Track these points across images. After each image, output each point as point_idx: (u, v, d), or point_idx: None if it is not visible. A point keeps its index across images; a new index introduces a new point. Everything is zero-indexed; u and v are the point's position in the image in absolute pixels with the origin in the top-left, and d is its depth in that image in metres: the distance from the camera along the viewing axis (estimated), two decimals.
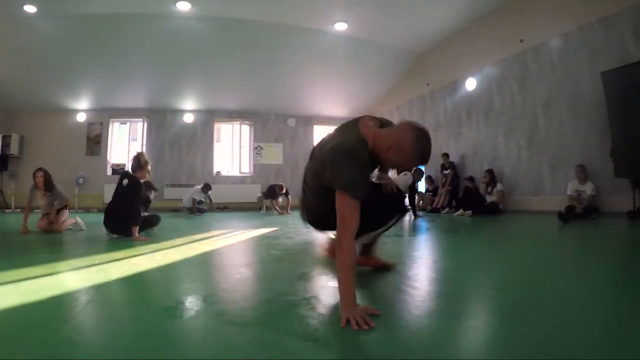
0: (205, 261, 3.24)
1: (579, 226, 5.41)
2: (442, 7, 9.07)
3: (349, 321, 1.47)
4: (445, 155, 10.20)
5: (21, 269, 2.64)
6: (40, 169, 5.66)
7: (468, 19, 9.56)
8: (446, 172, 10.10)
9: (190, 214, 10.20)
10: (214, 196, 11.06)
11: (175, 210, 11.60)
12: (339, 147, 1.76)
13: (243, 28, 9.83)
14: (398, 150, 1.67)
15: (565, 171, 7.52)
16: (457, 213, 8.52)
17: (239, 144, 14.46)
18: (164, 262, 3.03)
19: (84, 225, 5.87)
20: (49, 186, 5.64)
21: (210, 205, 10.90)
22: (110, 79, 11.38)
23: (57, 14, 8.77)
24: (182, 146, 13.49)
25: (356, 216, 1.67)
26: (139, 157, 4.87)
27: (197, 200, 10.63)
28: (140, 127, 13.55)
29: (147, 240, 4.36)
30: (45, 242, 4.49)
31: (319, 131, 15.10)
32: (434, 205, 10.03)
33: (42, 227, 5.40)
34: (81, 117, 12.79)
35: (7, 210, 11.44)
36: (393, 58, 11.84)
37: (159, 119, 13.40)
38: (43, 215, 5.60)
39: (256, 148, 14.27)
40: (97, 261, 3.01)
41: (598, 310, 1.73)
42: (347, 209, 1.67)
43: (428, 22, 9.88)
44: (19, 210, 11.21)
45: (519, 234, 5.14)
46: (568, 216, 6.05)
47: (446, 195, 9.89)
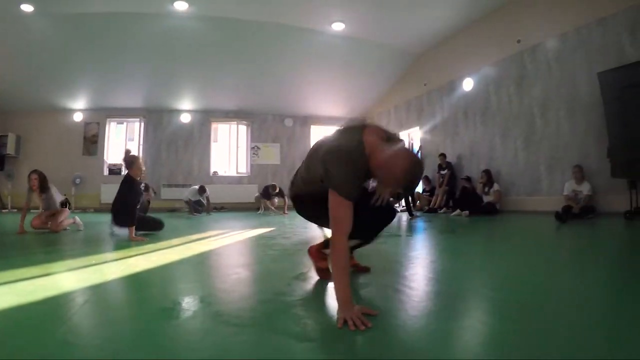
0: (202, 261, 3.24)
1: (575, 226, 5.42)
2: (439, 7, 9.08)
3: (346, 321, 1.48)
4: (443, 156, 10.21)
5: (17, 269, 2.63)
6: (34, 171, 5.61)
7: (465, 19, 9.58)
8: (443, 172, 10.11)
9: (189, 214, 10.22)
10: (210, 196, 11.04)
11: (172, 210, 11.61)
12: (337, 148, 1.82)
13: (240, 28, 9.83)
14: (388, 171, 1.70)
15: (562, 171, 7.54)
16: (454, 213, 8.53)
17: (236, 144, 14.45)
18: (161, 263, 3.03)
19: (82, 226, 5.85)
20: (43, 188, 5.60)
21: (206, 207, 10.88)
22: (107, 78, 11.36)
23: (54, 13, 8.74)
24: (179, 146, 13.47)
25: (348, 216, 1.69)
26: (125, 155, 4.96)
27: (193, 200, 10.63)
28: (137, 127, 13.51)
29: (144, 240, 4.35)
30: (42, 243, 4.47)
31: (316, 131, 15.10)
32: (431, 206, 10.04)
33: (36, 225, 5.38)
34: (78, 117, 12.77)
35: (4, 211, 11.42)
36: (390, 58, 11.84)
37: (156, 118, 13.37)
38: (41, 214, 5.57)
39: (253, 148, 14.25)
40: (93, 261, 3.01)
41: (595, 310, 1.73)
42: (339, 208, 1.70)
43: (425, 23, 9.89)
44: (15, 210, 11.19)
45: (515, 234, 5.15)
46: (565, 216, 6.07)
47: (443, 196, 9.90)
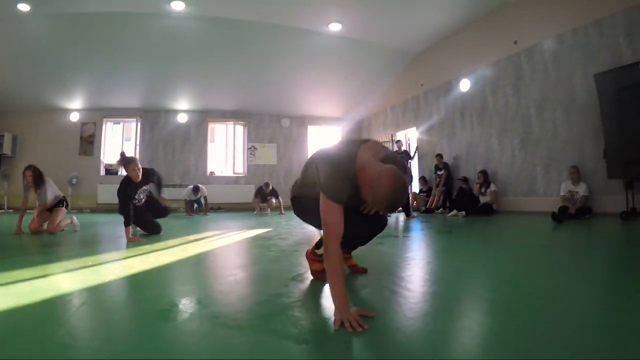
0: (199, 262, 3.23)
1: (572, 227, 5.43)
2: (436, 8, 9.09)
3: (342, 323, 1.49)
4: (439, 156, 10.23)
5: (14, 270, 2.63)
6: (28, 167, 5.57)
7: (462, 20, 9.59)
8: (440, 172, 10.13)
9: (187, 214, 10.22)
10: (207, 197, 11.02)
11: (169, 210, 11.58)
12: (331, 156, 1.93)
13: (237, 28, 9.82)
14: (372, 190, 1.71)
15: (558, 172, 7.56)
16: (450, 214, 8.54)
17: (232, 144, 14.43)
18: (158, 264, 3.02)
19: (78, 226, 5.83)
20: (38, 182, 5.55)
21: (204, 208, 10.86)
22: (104, 78, 11.32)
23: (51, 12, 8.70)
24: (175, 146, 13.45)
25: (337, 219, 1.75)
26: (120, 157, 4.94)
27: (190, 200, 10.62)
28: (133, 127, 13.46)
29: (140, 241, 4.35)
30: (39, 244, 4.46)
31: (313, 131, 15.12)
32: (427, 206, 10.06)
33: (34, 228, 5.34)
34: (74, 117, 12.72)
35: (0, 211, 11.36)
36: (387, 58, 11.85)
37: (153, 118, 13.35)
38: (39, 212, 5.52)
39: (250, 148, 14.24)
40: (90, 263, 3.00)
41: (593, 311, 1.74)
42: (329, 211, 1.77)
43: (422, 23, 9.90)
44: (11, 211, 11.15)
45: (512, 235, 5.16)
46: (561, 217, 6.09)
47: (440, 196, 9.93)
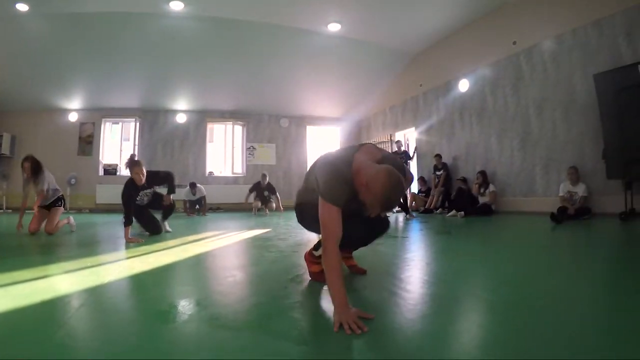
0: (198, 263, 3.23)
1: (571, 227, 5.44)
2: (436, 8, 9.10)
3: (342, 325, 1.48)
4: (438, 156, 10.23)
5: (13, 272, 2.62)
6: (26, 157, 5.54)
7: (461, 20, 9.60)
8: (439, 173, 10.13)
9: (187, 215, 10.21)
10: (206, 197, 11.02)
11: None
12: (329, 162, 2.01)
13: (236, 28, 9.81)
14: (368, 190, 1.75)
15: (557, 172, 7.57)
16: (449, 214, 8.54)
17: (231, 144, 14.42)
18: (157, 265, 3.02)
19: (74, 227, 5.82)
20: (37, 172, 5.52)
21: (203, 209, 10.86)
22: (103, 78, 11.31)
23: (49, 12, 8.69)
24: (174, 146, 13.43)
25: (335, 222, 1.80)
26: (128, 159, 4.97)
27: (190, 200, 10.62)
28: (132, 127, 13.45)
29: (140, 241, 4.34)
30: (37, 245, 4.45)
31: (312, 132, 15.12)
32: (426, 206, 10.06)
33: (34, 229, 5.32)
34: (73, 117, 12.71)
35: None
36: (386, 59, 11.86)
37: (152, 119, 13.33)
38: (38, 212, 5.49)
39: (249, 148, 14.23)
40: (89, 264, 3.00)
41: (591, 311, 1.74)
42: (326, 213, 1.82)
43: (421, 24, 9.91)
44: (10, 211, 11.14)
45: (511, 235, 5.16)
46: (560, 217, 6.09)
47: (439, 196, 9.93)
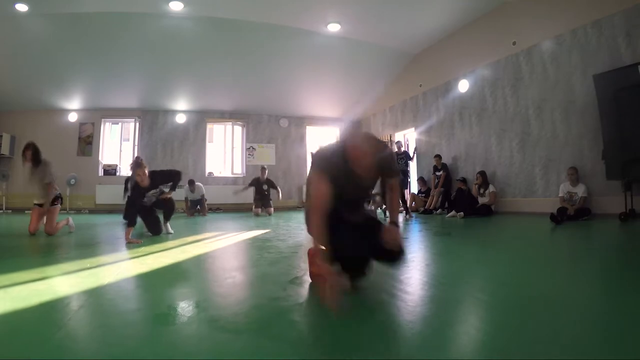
0: (197, 265, 3.23)
1: (570, 228, 5.44)
2: (435, 8, 9.10)
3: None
4: (438, 157, 10.23)
5: (11, 273, 2.62)
6: (27, 145, 5.63)
7: (461, 20, 9.60)
8: (438, 173, 10.13)
9: (188, 215, 10.21)
10: (205, 197, 11.03)
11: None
12: (323, 148, 2.27)
13: (236, 28, 9.81)
14: (356, 151, 1.99)
15: (557, 173, 7.57)
16: (449, 214, 8.53)
17: (231, 144, 14.42)
18: (156, 266, 3.02)
19: (73, 227, 5.82)
20: (36, 160, 5.56)
21: (202, 209, 10.85)
22: (102, 78, 11.29)
23: (49, 12, 8.68)
24: (174, 147, 13.40)
25: (320, 188, 1.97)
26: (133, 160, 5.09)
27: (189, 201, 10.61)
28: (132, 127, 13.43)
29: (139, 242, 4.34)
30: (36, 245, 4.45)
31: (311, 132, 15.11)
32: (426, 207, 10.06)
33: (33, 230, 5.30)
34: (73, 117, 12.68)
35: None
36: (386, 59, 11.86)
37: (151, 119, 13.31)
38: (34, 205, 5.47)
39: (249, 149, 14.22)
40: (88, 265, 2.99)
41: (591, 313, 1.74)
42: (314, 181, 2.02)
43: (421, 24, 9.91)
44: (10, 211, 11.13)
45: (511, 236, 5.16)
46: (560, 218, 6.09)
47: (439, 197, 9.93)
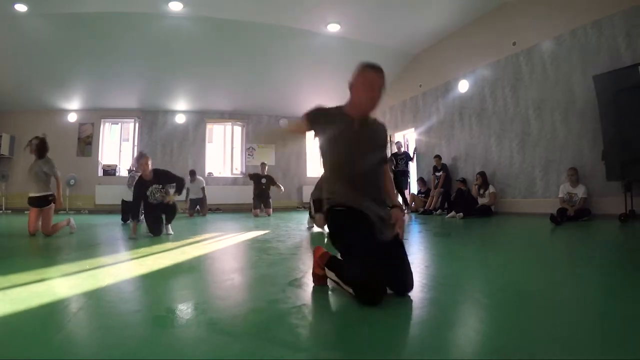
0: (196, 266, 3.23)
1: (570, 229, 5.44)
2: (435, 9, 9.11)
3: None
4: (438, 157, 10.23)
5: (11, 275, 2.62)
6: (36, 137, 5.65)
7: (461, 21, 9.61)
8: (438, 174, 10.13)
9: (189, 216, 10.21)
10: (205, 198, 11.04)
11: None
12: None
13: (235, 29, 9.81)
14: (352, 87, 2.42)
15: (557, 173, 7.57)
16: (449, 215, 8.53)
17: (230, 144, 14.41)
18: (156, 267, 3.01)
19: (75, 228, 5.81)
20: (41, 153, 5.55)
21: (202, 210, 10.85)
22: (102, 78, 11.29)
23: (48, 13, 8.68)
24: (174, 147, 13.40)
25: (303, 122, 2.51)
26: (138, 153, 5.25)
27: (189, 199, 10.60)
28: (131, 127, 13.44)
29: (134, 236, 4.55)
30: (36, 246, 4.45)
31: (311, 132, 15.04)
32: (426, 207, 10.05)
33: (32, 231, 5.30)
34: (72, 118, 12.68)
35: None
36: (386, 59, 11.79)
37: (151, 119, 13.32)
38: (29, 197, 5.47)
39: (248, 149, 14.22)
40: (87, 266, 2.99)
41: (590, 315, 1.74)
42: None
43: (421, 24, 9.92)
44: (9, 211, 11.13)
45: (510, 237, 5.16)
46: (560, 219, 6.09)
47: (438, 197, 9.93)
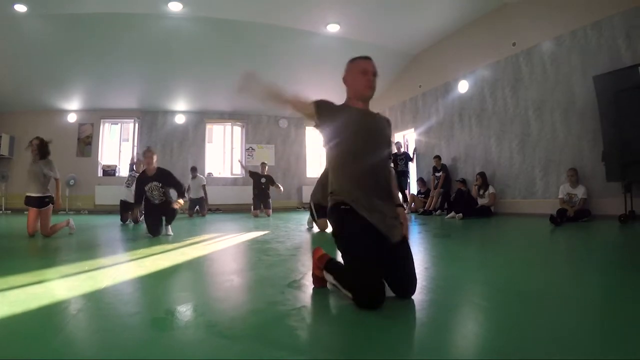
0: (195, 267, 3.22)
1: (570, 229, 5.44)
2: (435, 9, 9.11)
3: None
4: (438, 158, 10.23)
5: (9, 276, 2.61)
6: (36, 137, 5.61)
7: (461, 21, 9.61)
8: (438, 174, 10.13)
9: (189, 216, 10.21)
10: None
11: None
12: None
13: (235, 29, 9.81)
14: (347, 77, 2.46)
15: (557, 174, 7.57)
16: (448, 216, 8.53)
17: (230, 145, 14.41)
18: (155, 269, 3.00)
19: (74, 229, 5.80)
20: (43, 153, 5.54)
21: (202, 210, 10.85)
22: (102, 79, 11.29)
23: (48, 13, 8.67)
24: (173, 147, 13.42)
25: (307, 106, 2.42)
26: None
27: (192, 198, 10.59)
28: (131, 127, 13.46)
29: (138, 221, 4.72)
30: (35, 248, 4.44)
31: (310, 132, 15.08)
32: (426, 208, 10.05)
33: (31, 232, 5.29)
34: (72, 118, 12.70)
35: None
36: (385, 59, 11.81)
37: (151, 119, 13.33)
38: (30, 200, 5.43)
39: (248, 149, 14.22)
40: (86, 268, 2.98)
41: (590, 317, 1.74)
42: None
43: (420, 24, 9.92)
44: (9, 212, 11.12)
45: (510, 238, 5.15)
46: (559, 219, 6.09)
47: (438, 198, 9.93)
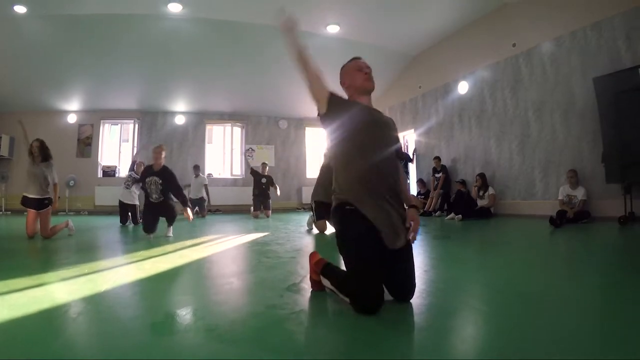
0: (195, 270, 3.22)
1: (569, 231, 5.44)
2: (435, 10, 9.11)
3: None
4: (437, 159, 10.23)
5: (9, 280, 2.61)
6: (36, 139, 5.59)
7: (460, 22, 9.61)
8: (438, 175, 10.13)
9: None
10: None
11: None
12: None
13: (235, 30, 9.81)
14: (343, 79, 2.49)
15: (556, 176, 7.57)
16: (448, 217, 8.53)
17: (230, 145, 14.41)
18: (154, 272, 3.01)
19: (73, 230, 5.80)
20: (45, 155, 5.53)
21: (202, 211, 10.85)
22: (101, 79, 11.28)
23: (47, 14, 8.66)
24: (173, 148, 13.38)
25: (322, 89, 2.36)
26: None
27: (193, 198, 10.58)
28: (131, 128, 13.44)
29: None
30: (34, 250, 4.44)
31: (310, 133, 15.10)
32: (425, 209, 10.06)
33: (31, 233, 5.29)
34: (72, 119, 12.68)
35: None
36: (385, 60, 11.84)
37: (150, 120, 13.32)
38: (28, 201, 5.43)
39: (248, 150, 14.22)
40: (86, 270, 2.98)
41: (590, 319, 1.74)
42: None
43: (420, 25, 9.92)
44: (9, 212, 11.12)
45: (510, 239, 5.14)
46: (559, 221, 6.09)
47: (438, 199, 9.93)
